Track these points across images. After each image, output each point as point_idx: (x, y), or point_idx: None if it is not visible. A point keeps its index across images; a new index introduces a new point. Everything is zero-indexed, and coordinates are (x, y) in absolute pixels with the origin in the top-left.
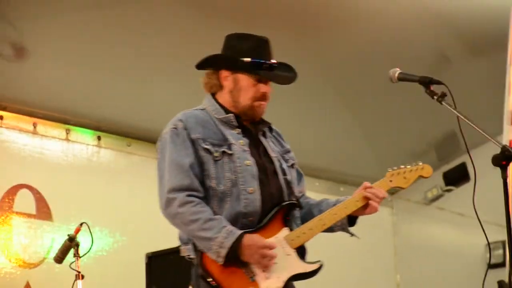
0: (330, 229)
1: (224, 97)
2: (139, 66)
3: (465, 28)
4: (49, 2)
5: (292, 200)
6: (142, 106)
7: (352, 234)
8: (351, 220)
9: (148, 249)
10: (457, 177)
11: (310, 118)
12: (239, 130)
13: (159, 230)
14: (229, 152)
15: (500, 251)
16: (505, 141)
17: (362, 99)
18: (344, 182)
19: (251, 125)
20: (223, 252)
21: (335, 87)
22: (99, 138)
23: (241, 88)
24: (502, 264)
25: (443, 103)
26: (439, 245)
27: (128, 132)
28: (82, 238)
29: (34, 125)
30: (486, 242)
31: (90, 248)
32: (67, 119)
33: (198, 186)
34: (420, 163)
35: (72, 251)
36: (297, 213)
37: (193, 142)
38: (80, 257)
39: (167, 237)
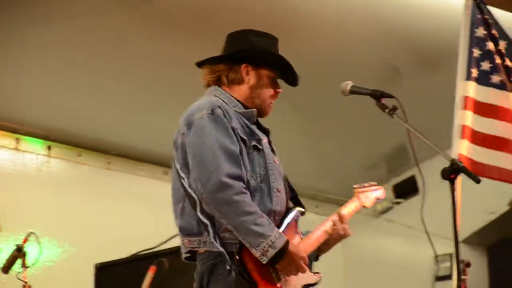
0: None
1: (240, 91)
2: (89, 75)
3: (417, 43)
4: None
5: (303, 208)
6: (92, 116)
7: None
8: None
9: (97, 260)
10: (406, 190)
11: None
12: (255, 127)
13: (108, 241)
14: (259, 146)
15: (448, 264)
16: (454, 154)
17: (314, 112)
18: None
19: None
20: (272, 252)
21: (287, 100)
22: (49, 148)
23: (263, 84)
24: (449, 277)
25: (394, 116)
26: (388, 257)
27: (78, 142)
28: (30, 249)
29: None
30: (434, 255)
31: (38, 258)
32: (17, 128)
33: (245, 178)
34: (374, 183)
35: (19, 261)
36: None
37: (233, 131)
38: (27, 267)
39: (116, 248)
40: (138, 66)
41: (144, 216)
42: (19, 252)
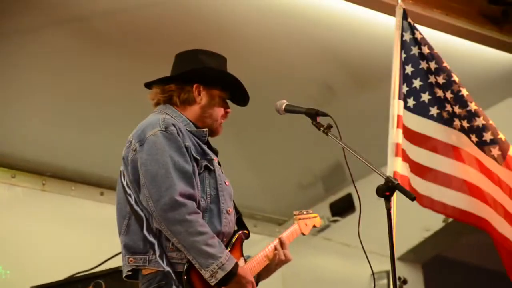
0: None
1: (191, 111)
2: (19, 94)
3: (351, 62)
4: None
5: (247, 230)
6: (25, 137)
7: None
8: None
9: (32, 282)
10: (343, 208)
11: None
12: (206, 146)
13: (44, 263)
14: (211, 167)
15: (385, 281)
16: (389, 172)
17: (250, 131)
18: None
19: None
20: (221, 274)
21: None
22: None
23: (215, 104)
24: None
25: (329, 134)
26: (326, 275)
27: (12, 163)
28: None
29: None
30: (371, 272)
31: None
32: None
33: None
34: (311, 211)
35: None
36: None
37: (187, 149)
38: None
39: (52, 270)
40: (72, 84)
41: (80, 237)
42: None
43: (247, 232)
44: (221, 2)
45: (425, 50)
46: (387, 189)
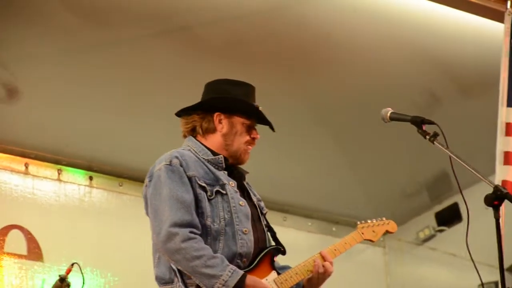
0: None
1: (213, 140)
2: (131, 105)
3: (457, 70)
4: (42, 44)
5: (279, 246)
6: (134, 145)
7: None
8: None
9: None
10: (449, 217)
11: (302, 158)
12: (226, 172)
13: (151, 270)
14: (223, 191)
15: None
16: (497, 181)
17: (354, 139)
18: (336, 222)
19: (235, 169)
20: None
21: (327, 127)
22: (91, 178)
23: (236, 132)
24: None
25: (435, 142)
26: (432, 286)
27: (120, 172)
28: (73, 279)
29: (26, 165)
30: (479, 283)
31: None
32: (59, 159)
33: (198, 223)
34: (384, 218)
35: None
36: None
37: (190, 179)
38: None
39: None
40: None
41: None
42: (62, 283)
43: (282, 248)
44: (329, 12)
45: None
46: (496, 198)
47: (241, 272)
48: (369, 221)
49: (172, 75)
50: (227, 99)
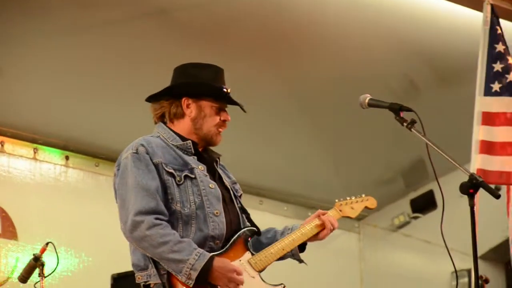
0: (282, 257)
1: (183, 125)
2: (109, 86)
3: (436, 58)
4: (21, 24)
5: (253, 227)
6: (111, 126)
7: (301, 261)
8: (301, 246)
9: (113, 270)
10: (424, 204)
11: (280, 143)
12: (195, 157)
13: (125, 251)
14: (191, 176)
15: (466, 279)
16: (472, 169)
17: (331, 125)
18: (312, 207)
19: (205, 153)
20: (194, 274)
21: (305, 113)
22: (67, 157)
23: (205, 115)
24: None
25: (412, 130)
26: (405, 272)
27: (96, 152)
28: (48, 258)
29: (2, 143)
30: (452, 270)
31: (55, 268)
32: (35, 138)
33: (164, 209)
34: (364, 195)
35: (37, 271)
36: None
37: (156, 166)
38: (45, 277)
39: None
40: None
41: None
42: (37, 262)
43: (256, 229)
44: None
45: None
46: (471, 186)
47: (209, 254)
48: (348, 199)
49: (150, 58)
50: (194, 84)
